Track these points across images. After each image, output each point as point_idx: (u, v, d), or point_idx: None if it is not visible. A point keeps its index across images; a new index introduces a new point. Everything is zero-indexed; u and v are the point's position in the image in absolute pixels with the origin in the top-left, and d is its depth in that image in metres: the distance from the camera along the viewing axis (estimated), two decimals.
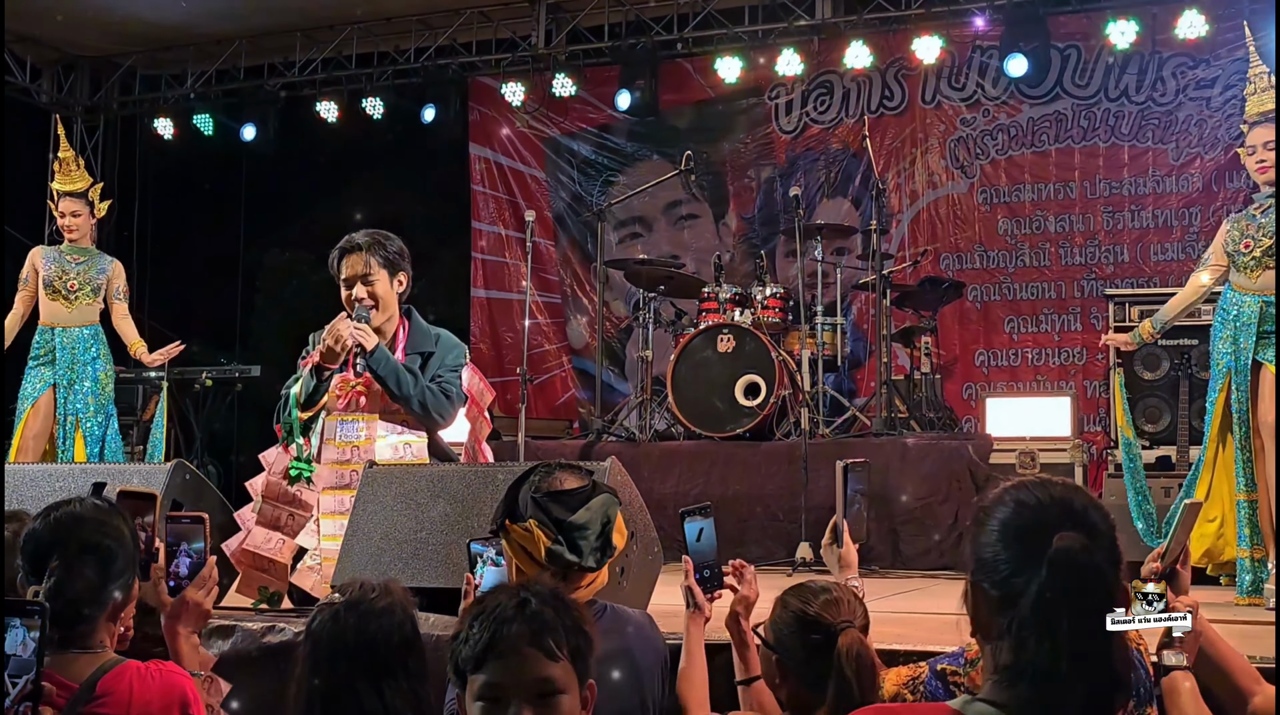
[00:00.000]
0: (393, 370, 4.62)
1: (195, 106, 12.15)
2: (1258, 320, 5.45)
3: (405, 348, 4.82)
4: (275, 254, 13.27)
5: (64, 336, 7.18)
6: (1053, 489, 1.89)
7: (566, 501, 2.97)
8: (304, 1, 10.89)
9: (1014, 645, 1.80)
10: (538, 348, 11.50)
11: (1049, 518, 1.84)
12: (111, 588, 2.70)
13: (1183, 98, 9.69)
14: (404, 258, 4.92)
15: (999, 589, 1.84)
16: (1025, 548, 1.83)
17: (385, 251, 4.84)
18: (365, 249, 4.81)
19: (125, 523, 2.84)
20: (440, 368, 4.80)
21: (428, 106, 11.34)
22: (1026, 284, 10.15)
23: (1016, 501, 1.89)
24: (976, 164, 10.34)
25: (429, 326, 4.98)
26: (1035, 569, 1.80)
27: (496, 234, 11.89)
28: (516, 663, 2.09)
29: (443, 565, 4.02)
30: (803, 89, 10.84)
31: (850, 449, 7.87)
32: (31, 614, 2.34)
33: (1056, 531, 1.81)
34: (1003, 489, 1.93)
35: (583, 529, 2.94)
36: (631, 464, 7.69)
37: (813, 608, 2.78)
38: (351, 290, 4.79)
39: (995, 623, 1.84)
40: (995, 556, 1.86)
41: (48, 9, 10.86)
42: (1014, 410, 7.94)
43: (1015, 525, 1.86)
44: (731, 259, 10.94)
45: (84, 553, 2.69)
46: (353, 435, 4.60)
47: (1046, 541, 1.81)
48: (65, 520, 2.74)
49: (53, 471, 4.89)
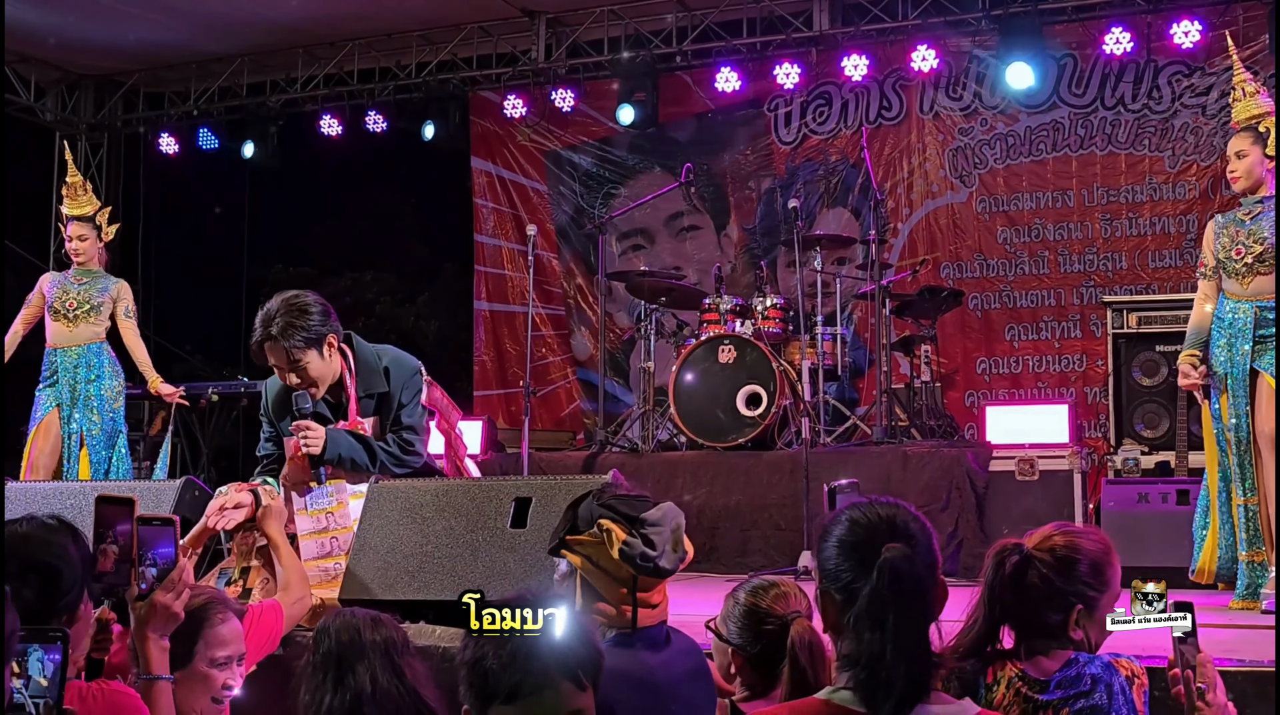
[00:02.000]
0: (347, 457, 4.52)
1: (198, 123, 12.23)
2: (1253, 326, 5.49)
3: (357, 390, 4.66)
4: (279, 269, 13.36)
5: (65, 357, 7.27)
6: (880, 509, 2.32)
7: (633, 504, 2.88)
8: (305, 18, 10.97)
9: (854, 637, 2.20)
10: (542, 360, 11.57)
11: (877, 533, 2.25)
12: (57, 608, 2.64)
13: (1178, 105, 9.75)
14: (326, 319, 4.55)
15: (842, 593, 2.25)
16: (860, 557, 2.23)
17: (304, 331, 4.48)
18: (281, 337, 4.46)
19: (76, 541, 2.77)
20: (398, 408, 4.69)
21: (429, 121, 11.40)
22: (1026, 292, 10.21)
23: (851, 520, 2.30)
24: (975, 173, 10.40)
25: (374, 353, 4.75)
26: (868, 574, 2.19)
27: (499, 247, 11.95)
28: (552, 698, 2.12)
29: (449, 578, 4.07)
30: (801, 100, 10.90)
31: (851, 458, 7.93)
32: (54, 640, 2.37)
33: (884, 543, 2.21)
34: (840, 510, 2.36)
35: (656, 525, 2.83)
36: (635, 475, 7.81)
37: (764, 601, 3.01)
38: (285, 375, 4.59)
39: (840, 621, 2.24)
40: (837, 566, 2.27)
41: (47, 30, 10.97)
42: (1013, 418, 7.98)
43: (850, 540, 2.27)
44: (733, 270, 11.01)
45: (25, 573, 2.62)
46: (324, 502, 4.49)
47: (876, 552, 2.20)
48: (9, 540, 2.67)
49: (63, 489, 4.95)
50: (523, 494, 4.18)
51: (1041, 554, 2.78)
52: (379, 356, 4.75)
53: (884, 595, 2.17)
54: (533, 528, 4.08)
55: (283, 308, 4.50)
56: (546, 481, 4.31)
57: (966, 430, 9.25)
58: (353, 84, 11.70)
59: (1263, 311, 5.47)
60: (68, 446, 7.15)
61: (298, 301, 4.53)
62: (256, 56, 11.76)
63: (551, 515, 4.09)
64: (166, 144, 12.23)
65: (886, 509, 2.32)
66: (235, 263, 12.77)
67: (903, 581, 2.18)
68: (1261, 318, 5.47)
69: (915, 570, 2.20)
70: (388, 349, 4.85)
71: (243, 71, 11.93)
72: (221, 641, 3.11)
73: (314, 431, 4.45)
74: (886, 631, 2.15)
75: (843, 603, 2.24)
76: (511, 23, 11.16)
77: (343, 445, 4.52)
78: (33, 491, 4.96)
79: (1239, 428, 5.50)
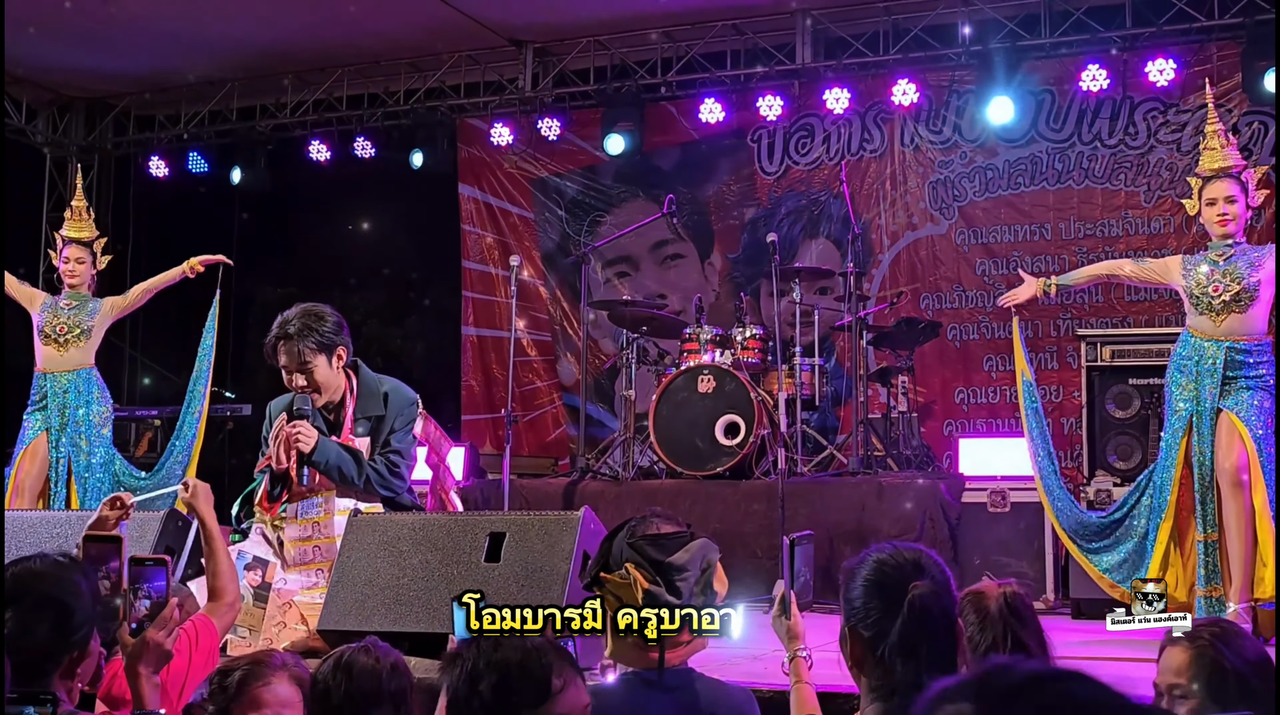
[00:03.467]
0: (335, 465, 4.70)
1: (188, 147, 12.33)
2: (1223, 366, 5.63)
3: (354, 411, 4.87)
4: (268, 291, 13.43)
5: (55, 382, 7.34)
6: (906, 552, 2.51)
7: (663, 544, 2.89)
8: (295, 45, 11.11)
9: (884, 670, 2.37)
10: (529, 384, 11.68)
11: (905, 572, 2.45)
12: (69, 643, 2.69)
13: (1154, 141, 9.90)
14: (340, 331, 4.89)
15: (871, 629, 2.42)
16: (889, 595, 2.42)
17: (319, 336, 4.81)
18: (298, 337, 4.78)
19: (87, 578, 2.83)
20: (389, 432, 4.88)
21: (417, 149, 11.52)
22: (1004, 323, 10.31)
23: (878, 561, 2.49)
24: (954, 205, 10.55)
25: (376, 380, 5.01)
26: (897, 611, 2.38)
27: (486, 272, 12.06)
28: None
29: (424, 611, 4.19)
30: (784, 131, 11.04)
31: (827, 488, 8.06)
32: (44, 703, 2.41)
33: (911, 582, 2.41)
34: (865, 554, 2.55)
35: (681, 570, 2.84)
36: (615, 502, 7.94)
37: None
38: (291, 377, 4.83)
39: (866, 657, 2.42)
40: (865, 605, 2.45)
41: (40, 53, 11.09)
42: (985, 450, 8.13)
43: (879, 580, 2.46)
44: (717, 298, 11.13)
45: (40, 608, 2.67)
46: (312, 512, 4.67)
47: (904, 590, 2.40)
48: (23, 575, 2.73)
49: (50, 518, 5.05)
50: (497, 529, 4.30)
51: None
52: (380, 383, 5.02)
53: (915, 628, 2.36)
54: (506, 562, 4.20)
55: (301, 312, 4.85)
56: (521, 517, 4.43)
57: (944, 460, 9.37)
58: (342, 110, 11.84)
59: (1232, 352, 5.62)
60: (55, 472, 7.23)
61: (316, 308, 4.89)
62: (247, 81, 11.89)
63: (525, 550, 4.22)
64: (156, 167, 12.33)
65: (911, 552, 2.52)
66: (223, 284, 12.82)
67: (932, 615, 2.38)
68: (1230, 359, 5.62)
69: (943, 604, 2.42)
70: (389, 379, 5.12)
71: (233, 96, 12.05)
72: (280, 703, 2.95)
73: (308, 430, 4.67)
74: (920, 662, 2.34)
75: (871, 639, 2.42)
76: (499, 52, 11.30)
77: (331, 453, 4.73)
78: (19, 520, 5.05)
79: (1202, 465, 5.64)
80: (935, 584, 2.43)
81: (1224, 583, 5.54)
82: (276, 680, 2.85)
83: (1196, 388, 5.69)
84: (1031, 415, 6.18)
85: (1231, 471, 5.53)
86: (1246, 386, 5.59)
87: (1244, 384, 5.60)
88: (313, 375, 4.81)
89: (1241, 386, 5.61)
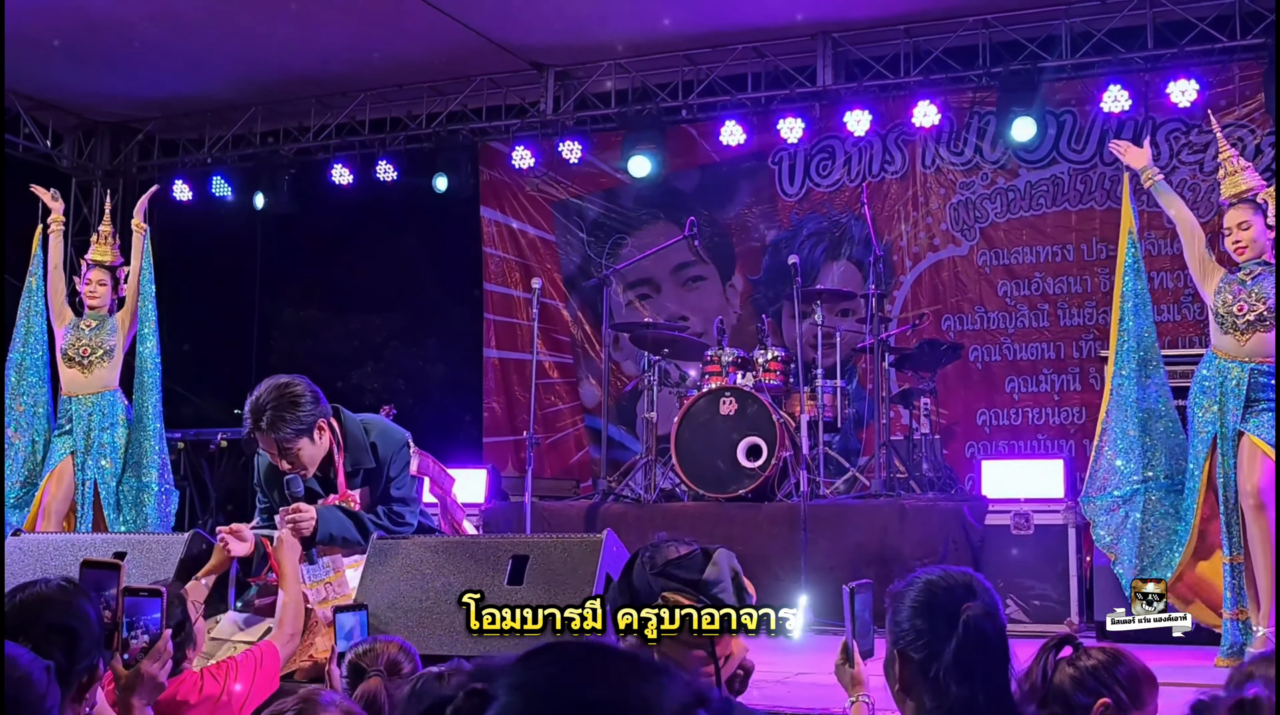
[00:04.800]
0: (339, 538, 4.64)
1: (211, 170, 12.41)
2: (1246, 388, 5.61)
3: (344, 464, 4.77)
4: (290, 313, 13.51)
5: (80, 405, 7.38)
6: (955, 575, 2.50)
7: (688, 565, 2.83)
8: (318, 69, 11.18)
9: (936, 692, 2.36)
10: (552, 407, 11.70)
11: (956, 595, 2.43)
12: (78, 669, 2.68)
13: (1176, 162, 9.88)
14: (316, 406, 4.65)
15: (921, 651, 2.40)
16: (941, 617, 2.40)
17: (296, 423, 4.59)
18: (271, 430, 4.57)
19: (92, 603, 2.82)
20: (388, 482, 4.82)
21: (440, 173, 11.56)
22: (1026, 344, 10.33)
23: (928, 583, 2.48)
24: (976, 227, 10.54)
25: (360, 427, 4.84)
26: (950, 632, 2.36)
27: (508, 295, 12.10)
28: None
29: (446, 634, 4.19)
30: (805, 153, 11.05)
31: (850, 511, 8.03)
32: None
33: (962, 604, 2.39)
34: (912, 577, 2.53)
35: (717, 584, 2.80)
36: (637, 525, 7.93)
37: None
38: (278, 460, 4.69)
39: (916, 680, 2.40)
40: (915, 628, 2.43)
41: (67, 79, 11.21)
42: (1008, 473, 8.09)
43: (930, 602, 2.44)
44: (739, 320, 11.14)
45: (50, 635, 2.65)
46: (321, 574, 4.56)
47: (955, 612, 2.38)
48: (31, 602, 2.72)
49: (75, 541, 5.07)
50: (520, 552, 4.31)
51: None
52: (366, 430, 4.84)
53: (970, 649, 2.35)
54: (529, 585, 4.20)
55: (272, 400, 4.58)
56: (543, 540, 4.43)
57: (966, 481, 9.34)
58: (364, 133, 11.90)
59: (1255, 374, 5.60)
60: (81, 494, 7.26)
61: (287, 392, 4.61)
62: (270, 105, 11.98)
63: (548, 573, 4.22)
64: (180, 190, 12.41)
65: (961, 575, 2.51)
66: (247, 307, 12.93)
67: (988, 636, 2.38)
68: (1255, 380, 5.59)
69: (996, 625, 2.42)
70: (374, 421, 4.96)
71: (256, 120, 12.14)
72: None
73: (305, 514, 4.55)
74: (976, 682, 2.35)
75: (922, 661, 2.40)
76: (520, 75, 11.36)
77: (333, 524, 4.63)
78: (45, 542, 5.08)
79: (1226, 487, 5.61)
80: (987, 606, 2.43)
81: (1250, 605, 5.51)
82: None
83: (1220, 409, 5.66)
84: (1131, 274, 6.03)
85: (1253, 494, 5.50)
86: (1269, 408, 5.56)
87: (1267, 406, 5.57)
88: (299, 458, 4.66)
89: (1264, 408, 5.58)
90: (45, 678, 2.44)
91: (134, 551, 4.76)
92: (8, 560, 4.85)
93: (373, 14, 9.92)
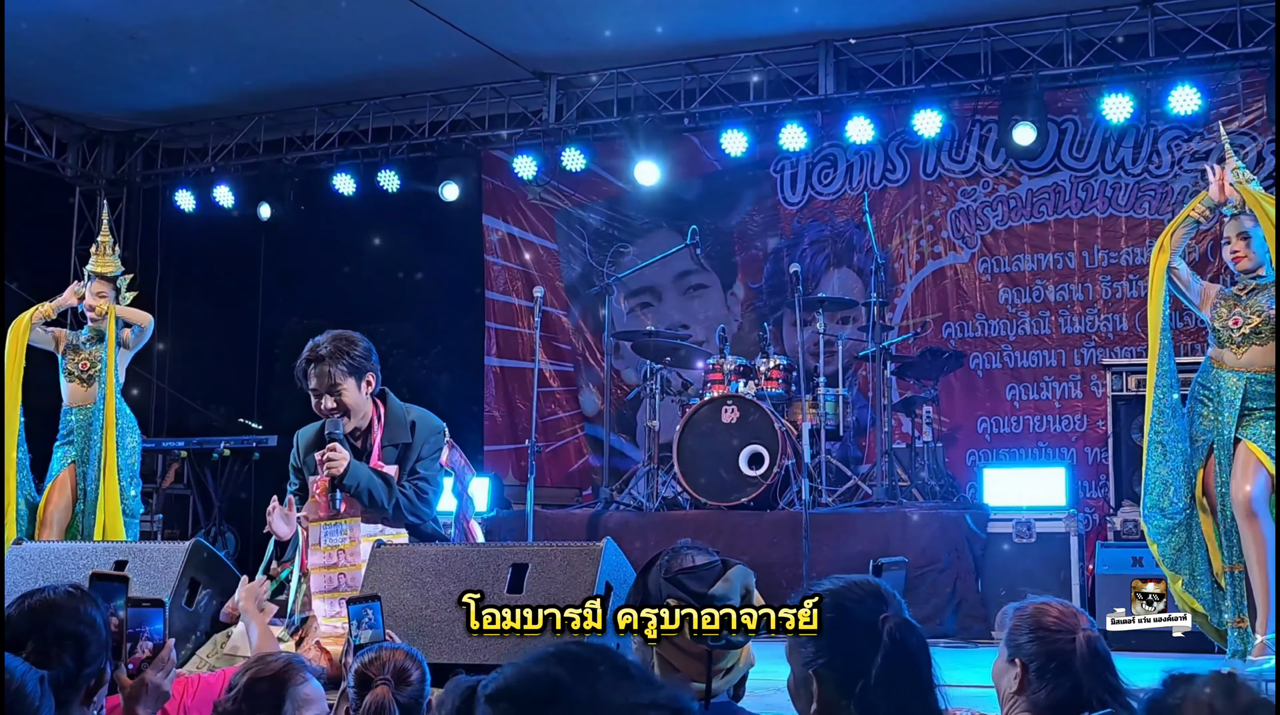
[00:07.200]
0: (366, 488, 4.75)
1: (215, 179, 12.43)
2: (1241, 397, 5.61)
3: (381, 440, 4.94)
4: (294, 322, 13.49)
5: (81, 415, 7.40)
6: (859, 584, 2.44)
7: (701, 576, 2.82)
8: (321, 78, 11.21)
9: (864, 710, 2.27)
10: (552, 415, 11.70)
11: (867, 606, 2.37)
12: (86, 674, 2.72)
13: (1178, 169, 9.88)
14: (369, 357, 4.98)
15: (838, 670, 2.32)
16: (858, 632, 2.32)
17: (350, 359, 4.89)
18: (329, 360, 4.86)
19: (99, 609, 2.85)
20: (416, 460, 4.95)
21: (443, 180, 11.58)
22: (1027, 352, 10.32)
23: (833, 596, 2.40)
24: (977, 234, 10.54)
25: (404, 409, 5.08)
26: (872, 646, 2.29)
27: (509, 304, 12.11)
28: None
29: (446, 641, 4.20)
30: (807, 162, 11.06)
31: (852, 519, 8.03)
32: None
33: (878, 615, 2.33)
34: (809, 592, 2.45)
35: (723, 600, 2.76)
36: (638, 533, 7.95)
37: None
38: (320, 400, 4.91)
39: (836, 701, 2.31)
40: (831, 645, 2.35)
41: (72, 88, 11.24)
42: (1010, 480, 8.10)
43: (839, 618, 2.36)
44: (740, 328, 11.14)
45: (59, 640, 2.70)
46: (337, 539, 4.71)
47: (874, 623, 2.31)
48: (40, 607, 2.76)
49: (76, 550, 5.09)
50: (520, 560, 4.32)
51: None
52: (407, 412, 5.08)
53: (896, 661, 2.32)
54: (529, 593, 4.21)
55: (332, 337, 4.93)
56: (543, 548, 4.44)
57: (968, 489, 9.34)
58: (367, 142, 11.94)
59: (1251, 383, 5.60)
60: (83, 504, 7.28)
61: (346, 334, 4.98)
62: (274, 114, 12.02)
63: (548, 581, 4.23)
64: (184, 199, 12.43)
65: (866, 583, 2.48)
66: (251, 316, 12.93)
67: (910, 645, 2.34)
68: (1250, 390, 5.59)
69: (915, 633, 2.37)
70: (416, 408, 5.17)
71: (260, 129, 12.18)
72: (306, 700, 3.10)
73: (339, 454, 4.71)
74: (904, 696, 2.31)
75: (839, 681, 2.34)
76: (523, 84, 11.39)
77: (363, 476, 4.78)
78: (46, 551, 5.10)
79: (1224, 496, 5.61)
80: (901, 613, 2.40)
81: (1250, 614, 5.50)
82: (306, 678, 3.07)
83: (1216, 418, 5.66)
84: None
85: (1244, 502, 5.48)
86: (1266, 416, 5.56)
87: (1264, 414, 5.57)
88: (342, 398, 4.88)
89: (1260, 417, 5.58)
90: (39, 689, 2.47)
91: (135, 560, 4.78)
92: (9, 570, 4.86)
93: (376, 23, 9.95)
